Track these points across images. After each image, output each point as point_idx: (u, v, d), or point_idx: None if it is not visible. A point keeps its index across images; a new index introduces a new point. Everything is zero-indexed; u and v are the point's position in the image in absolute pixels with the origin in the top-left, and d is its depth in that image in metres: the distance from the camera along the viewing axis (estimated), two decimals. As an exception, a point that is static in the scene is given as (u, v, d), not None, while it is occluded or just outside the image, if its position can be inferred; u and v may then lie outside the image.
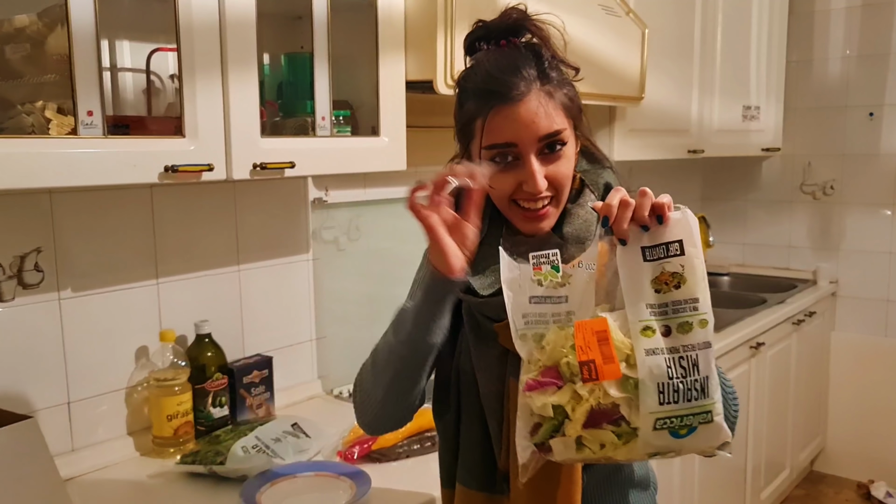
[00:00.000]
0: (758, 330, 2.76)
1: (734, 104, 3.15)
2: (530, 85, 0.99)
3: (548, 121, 0.99)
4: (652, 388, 0.84)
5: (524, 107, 0.98)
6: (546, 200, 1.02)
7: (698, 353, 0.85)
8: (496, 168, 1.00)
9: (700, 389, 0.84)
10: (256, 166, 1.40)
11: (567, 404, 0.86)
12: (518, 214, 1.03)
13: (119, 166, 1.22)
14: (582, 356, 0.84)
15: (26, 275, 1.45)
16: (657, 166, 3.39)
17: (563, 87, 1.03)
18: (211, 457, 1.48)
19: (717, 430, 0.86)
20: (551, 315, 0.91)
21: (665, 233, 0.88)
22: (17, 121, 1.18)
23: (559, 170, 1.01)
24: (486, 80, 1.00)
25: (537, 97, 0.99)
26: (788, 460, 3.21)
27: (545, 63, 1.02)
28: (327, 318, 2.02)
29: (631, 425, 0.85)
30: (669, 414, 0.84)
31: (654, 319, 0.86)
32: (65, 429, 1.53)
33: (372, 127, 1.67)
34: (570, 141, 1.03)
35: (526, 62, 1.00)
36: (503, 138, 0.99)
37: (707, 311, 0.86)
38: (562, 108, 1.01)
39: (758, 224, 3.73)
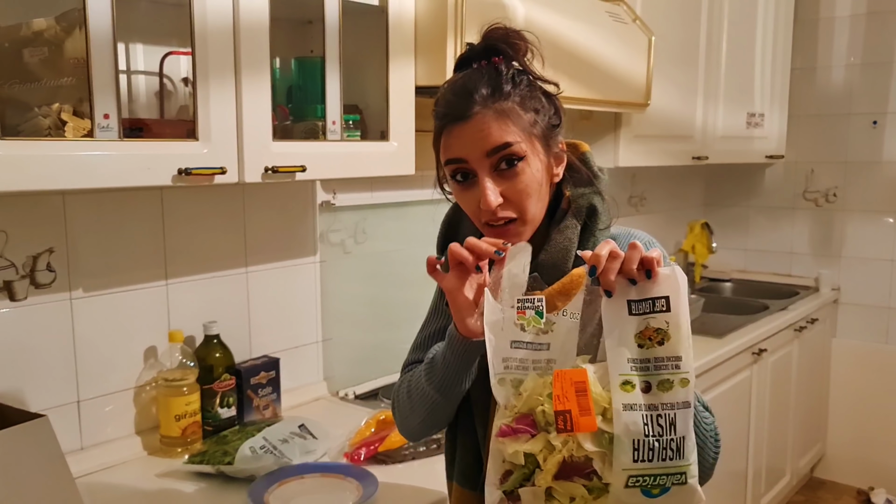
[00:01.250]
0: (759, 336, 2.77)
1: (738, 111, 3.17)
2: (483, 103, 1.00)
3: (496, 135, 0.99)
4: (627, 445, 0.82)
5: (472, 124, 1.00)
6: (506, 220, 1.02)
7: (677, 413, 0.83)
8: (459, 187, 1.03)
9: (675, 449, 0.83)
10: (268, 170, 1.42)
11: (539, 453, 0.84)
12: (489, 233, 1.03)
13: (134, 169, 1.23)
14: (558, 406, 0.82)
15: (39, 274, 1.46)
16: (661, 172, 3.41)
17: (524, 105, 1.02)
18: (219, 457, 1.50)
19: (691, 493, 0.84)
20: (531, 362, 0.89)
21: (653, 288, 0.86)
22: (33, 123, 1.19)
23: (515, 187, 1.00)
24: (443, 103, 1.04)
25: (486, 114, 1.00)
26: (789, 466, 3.22)
27: (504, 81, 1.02)
28: (333, 320, 2.04)
29: (602, 480, 0.83)
30: (643, 472, 0.82)
31: (634, 374, 0.84)
32: (74, 427, 1.54)
33: (381, 131, 1.68)
34: (533, 156, 1.02)
35: (481, 82, 1.01)
36: (455, 153, 1.01)
37: (689, 371, 0.85)
38: (519, 124, 1.01)
39: (760, 230, 3.74)
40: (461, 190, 1.04)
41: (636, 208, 3.31)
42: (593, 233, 1.06)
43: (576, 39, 2.05)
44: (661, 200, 3.51)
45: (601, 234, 1.07)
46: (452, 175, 1.04)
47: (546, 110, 1.04)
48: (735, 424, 2.73)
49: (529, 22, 1.87)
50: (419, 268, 1.41)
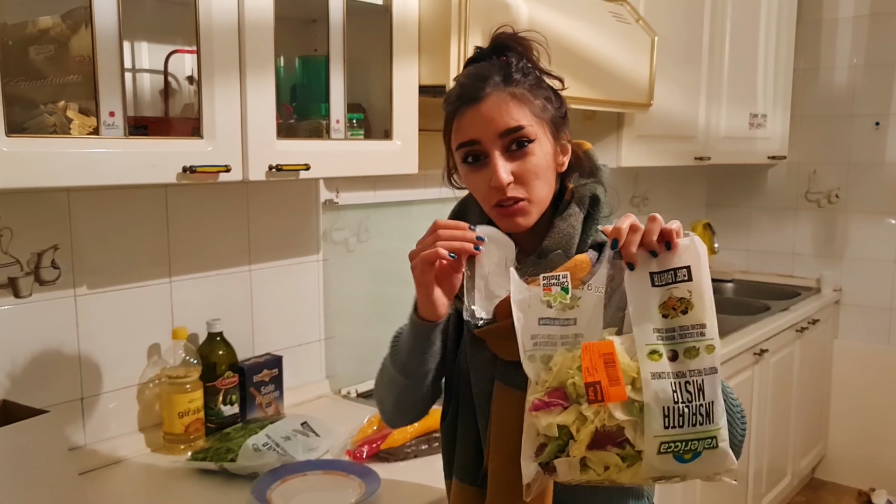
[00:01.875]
0: (761, 337, 2.77)
1: (741, 112, 3.17)
2: (495, 87, 1.04)
3: (508, 117, 1.03)
4: (657, 412, 0.84)
5: (485, 105, 1.04)
6: (515, 199, 1.05)
7: (704, 379, 0.85)
8: (469, 169, 1.07)
9: (705, 414, 0.85)
10: (272, 168, 1.42)
11: (572, 425, 0.86)
12: (496, 214, 1.07)
13: (139, 166, 1.24)
14: (588, 378, 0.85)
15: (43, 271, 1.47)
16: (663, 172, 3.41)
17: (534, 93, 1.06)
18: (222, 454, 1.50)
19: (723, 457, 0.86)
20: (560, 337, 0.91)
21: (673, 259, 0.88)
22: (39, 120, 1.20)
23: (525, 167, 1.04)
24: (457, 88, 1.08)
25: (500, 97, 1.04)
26: (790, 467, 3.22)
27: (514, 71, 1.06)
28: (336, 319, 2.04)
29: (635, 448, 0.85)
30: (674, 438, 0.84)
31: (661, 343, 0.86)
32: (78, 424, 1.55)
33: (385, 130, 1.69)
34: (542, 139, 1.06)
35: (493, 70, 1.06)
36: (468, 136, 1.05)
37: (714, 337, 0.87)
38: (530, 108, 1.05)
39: (762, 231, 3.74)
40: (472, 171, 1.07)
41: (638, 208, 3.32)
42: (596, 220, 1.09)
43: (579, 39, 2.06)
44: (664, 201, 3.51)
45: (604, 221, 1.09)
46: (464, 158, 1.07)
47: (553, 101, 1.09)
48: (736, 425, 2.73)
49: (533, 22, 1.87)
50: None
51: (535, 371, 0.91)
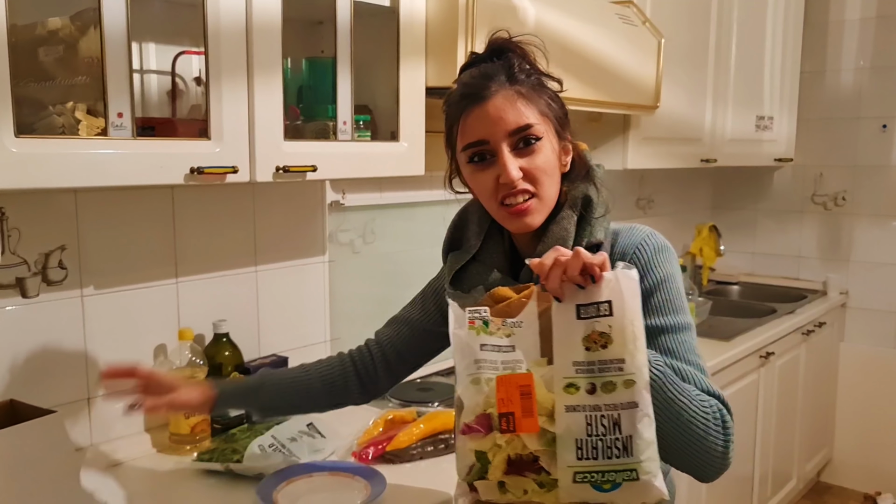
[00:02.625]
0: (767, 339, 2.76)
1: (747, 114, 3.17)
2: (500, 86, 1.05)
3: (517, 115, 1.04)
4: (570, 444, 0.85)
5: (492, 104, 1.04)
6: (526, 196, 1.06)
7: (621, 413, 0.85)
8: (476, 169, 1.07)
9: (622, 448, 0.85)
10: (279, 169, 1.42)
11: (489, 451, 0.88)
12: (503, 214, 1.08)
13: (147, 167, 1.24)
14: (502, 408, 0.87)
15: (50, 272, 1.47)
16: (668, 174, 3.41)
17: (538, 92, 1.07)
18: (228, 454, 1.50)
19: (646, 488, 0.86)
20: (501, 363, 0.91)
21: (598, 292, 0.88)
22: (48, 121, 1.20)
23: (534, 163, 1.05)
24: (460, 88, 1.08)
25: (506, 95, 1.05)
26: (795, 471, 3.21)
27: (517, 70, 1.07)
28: (341, 320, 2.04)
29: (551, 476, 0.86)
30: (589, 469, 0.85)
31: (580, 377, 0.87)
32: (84, 424, 1.55)
33: (391, 132, 1.69)
34: (548, 138, 1.07)
35: (497, 70, 1.07)
36: (475, 136, 1.06)
37: (635, 372, 0.86)
38: (536, 107, 1.06)
39: (768, 234, 3.74)
40: (478, 171, 1.07)
41: (644, 211, 3.31)
42: (589, 222, 1.09)
43: (585, 41, 2.06)
44: (669, 203, 3.51)
45: (597, 222, 1.09)
46: (470, 158, 1.08)
47: (555, 101, 1.10)
48: (742, 428, 2.72)
49: (539, 24, 1.87)
50: (427, 268, 1.44)
51: (471, 395, 0.91)
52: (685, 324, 1.05)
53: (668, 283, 1.06)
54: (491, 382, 0.90)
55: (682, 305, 1.06)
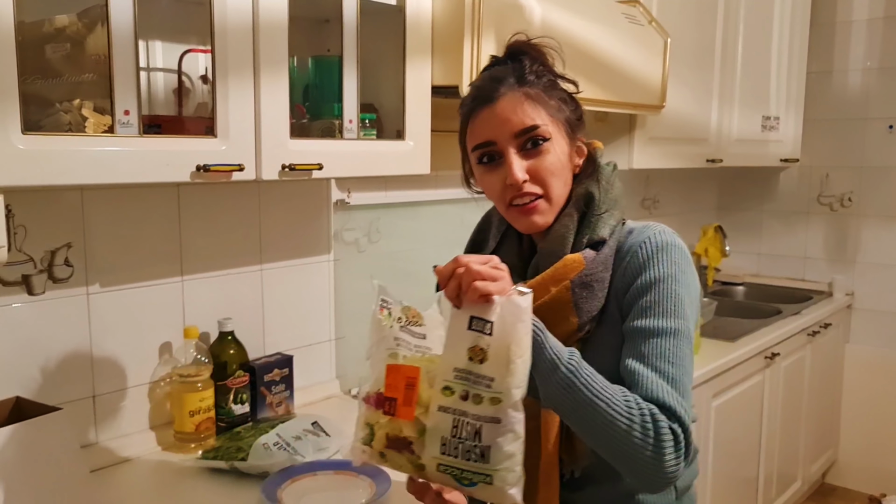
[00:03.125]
0: (772, 340, 2.75)
1: (753, 114, 3.16)
2: (509, 88, 1.06)
3: (523, 117, 1.05)
4: (436, 439, 0.91)
5: (500, 105, 1.06)
6: (533, 196, 1.07)
7: (483, 425, 0.89)
8: (485, 170, 1.09)
9: (480, 454, 0.89)
10: (285, 167, 1.42)
11: (375, 424, 0.96)
12: (512, 214, 1.09)
13: (153, 165, 1.24)
14: (387, 393, 0.94)
15: (56, 269, 1.47)
16: (674, 175, 3.40)
17: (549, 93, 1.08)
18: (232, 453, 1.51)
19: (500, 494, 0.90)
20: (414, 346, 0.98)
21: (488, 310, 0.90)
22: (54, 118, 1.20)
23: (541, 164, 1.06)
24: (472, 91, 1.11)
25: (514, 97, 1.06)
26: (800, 472, 3.20)
27: (528, 73, 1.07)
28: (346, 319, 2.04)
29: (420, 460, 0.93)
30: (450, 464, 0.91)
31: (457, 382, 0.91)
32: (90, 421, 1.55)
33: (397, 131, 1.69)
34: (557, 139, 1.07)
35: (508, 72, 1.08)
36: (483, 137, 1.07)
37: (502, 392, 0.88)
38: (545, 108, 1.07)
39: (773, 234, 3.73)
40: (487, 172, 1.09)
41: (649, 211, 3.31)
42: (590, 218, 1.09)
43: (592, 41, 2.05)
44: (675, 203, 3.50)
45: (600, 219, 1.09)
46: (479, 159, 1.09)
47: (569, 103, 1.11)
48: (746, 429, 2.72)
49: (546, 23, 1.87)
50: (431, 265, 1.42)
51: (380, 368, 0.97)
52: (667, 329, 1.00)
53: (661, 284, 1.03)
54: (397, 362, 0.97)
55: (670, 310, 1.01)
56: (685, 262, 1.06)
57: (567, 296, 1.04)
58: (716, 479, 2.49)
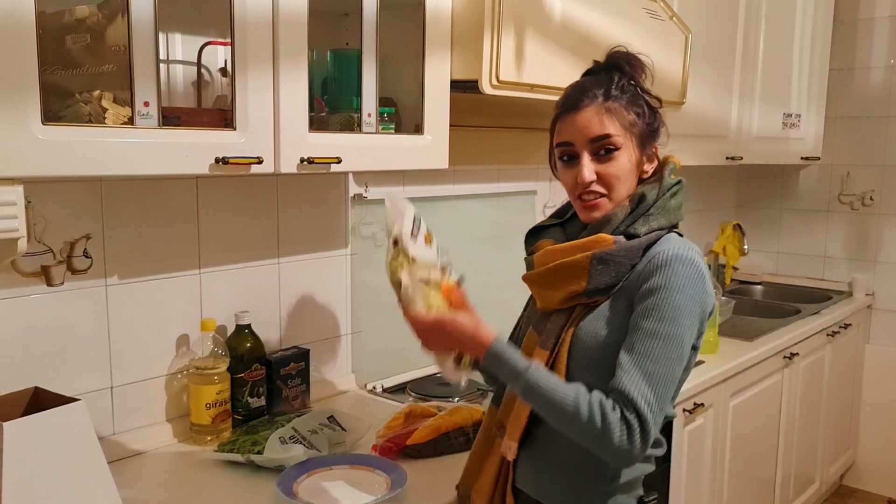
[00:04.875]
0: (791, 340, 2.73)
1: (774, 111, 3.12)
2: (592, 100, 1.22)
3: (600, 126, 1.22)
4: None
5: (581, 114, 1.23)
6: (597, 195, 1.24)
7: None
8: (563, 166, 1.27)
9: None
10: (304, 160, 1.42)
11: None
12: (578, 205, 1.27)
13: (172, 157, 1.24)
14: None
15: (75, 260, 1.47)
16: (692, 172, 3.36)
17: (628, 108, 1.23)
18: (248, 446, 1.51)
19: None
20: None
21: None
22: (74, 109, 1.20)
23: (608, 170, 1.23)
24: (563, 98, 1.27)
25: (595, 109, 1.22)
26: (818, 474, 3.17)
27: (614, 87, 1.23)
28: (363, 313, 2.04)
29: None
30: None
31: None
32: (107, 413, 1.56)
33: (416, 125, 1.68)
34: (627, 149, 1.23)
35: (595, 85, 1.24)
36: (563, 137, 1.26)
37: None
38: (619, 121, 1.22)
39: (793, 233, 3.69)
40: (565, 168, 1.27)
41: (667, 208, 3.27)
42: (637, 216, 1.23)
43: (612, 36, 2.03)
44: (693, 202, 3.47)
45: (643, 218, 1.23)
46: (560, 156, 1.27)
47: (646, 117, 1.25)
48: (765, 429, 2.70)
49: (566, 17, 1.85)
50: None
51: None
52: (659, 332, 1.13)
53: (663, 292, 1.14)
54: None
55: (666, 316, 1.13)
56: (695, 275, 1.16)
57: (586, 262, 1.20)
58: (732, 479, 2.47)
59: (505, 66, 1.69)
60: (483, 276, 1.54)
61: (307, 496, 1.36)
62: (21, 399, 1.32)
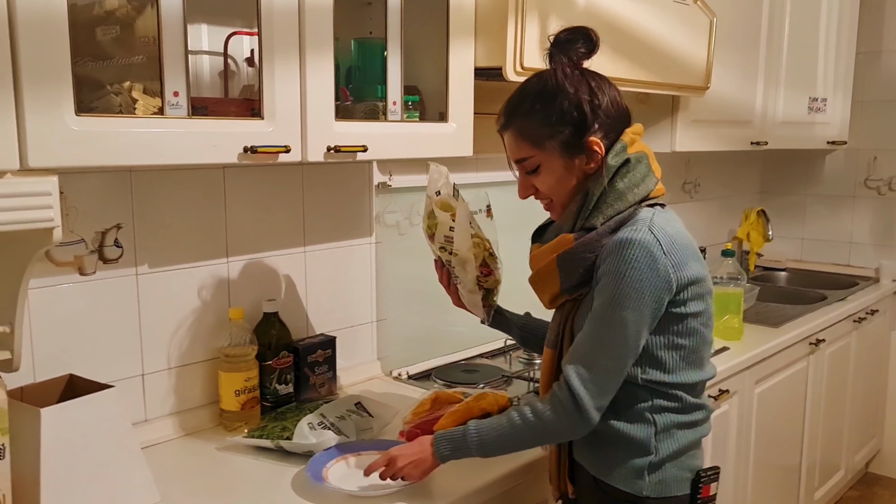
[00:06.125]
0: (818, 327, 2.71)
1: (800, 96, 3.09)
2: (509, 123, 1.32)
3: (516, 151, 1.32)
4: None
5: (504, 137, 1.35)
6: (546, 200, 1.35)
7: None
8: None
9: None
10: (330, 149, 1.43)
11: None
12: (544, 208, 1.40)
13: (202, 146, 1.25)
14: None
15: (107, 250, 1.50)
16: (715, 158, 3.35)
17: (543, 123, 1.27)
18: (277, 432, 1.52)
19: None
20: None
21: None
22: (105, 101, 1.22)
23: (538, 185, 1.33)
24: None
25: (511, 132, 1.32)
26: (843, 461, 3.15)
27: (521, 113, 1.29)
28: (388, 301, 2.05)
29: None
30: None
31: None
32: (139, 400, 1.58)
33: (440, 113, 1.68)
34: (549, 161, 1.29)
35: (511, 104, 1.32)
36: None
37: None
38: (533, 141, 1.28)
39: (818, 219, 3.65)
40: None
41: (690, 195, 3.26)
42: (585, 211, 1.29)
43: (636, 20, 2.02)
44: (716, 188, 3.44)
45: (594, 211, 1.28)
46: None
47: (571, 122, 1.26)
48: (790, 416, 2.68)
49: (590, 3, 1.84)
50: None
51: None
52: (603, 316, 1.23)
53: (605, 278, 1.23)
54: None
55: (610, 301, 1.21)
56: (639, 257, 1.20)
57: (553, 265, 1.30)
58: (757, 466, 2.46)
59: (529, 53, 1.69)
60: (506, 265, 1.54)
61: (336, 481, 1.38)
62: (56, 386, 1.35)
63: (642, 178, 1.29)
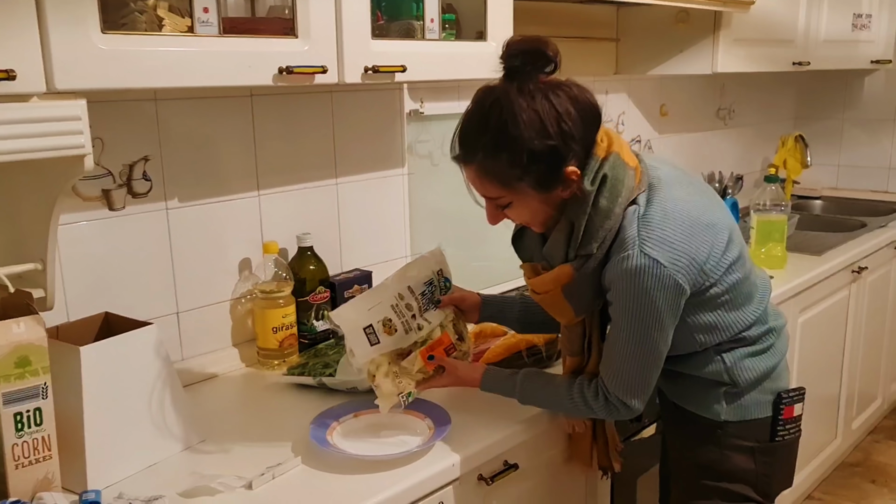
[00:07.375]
0: (860, 254, 2.62)
1: (844, 12, 2.93)
2: (471, 159, 1.17)
3: (483, 190, 1.20)
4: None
5: (466, 171, 1.20)
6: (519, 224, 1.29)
7: None
8: None
9: None
10: (368, 69, 1.34)
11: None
12: None
13: (235, 67, 1.17)
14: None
15: (135, 183, 1.43)
16: (750, 82, 3.22)
17: (510, 163, 1.12)
18: (319, 368, 1.48)
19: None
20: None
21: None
22: (130, 19, 1.14)
23: (513, 217, 1.24)
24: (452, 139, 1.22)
25: (474, 170, 1.17)
26: (881, 390, 3.11)
27: (483, 155, 1.14)
28: (422, 235, 1.98)
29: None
30: None
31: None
32: (174, 339, 1.53)
33: (478, 32, 1.58)
34: (521, 197, 1.16)
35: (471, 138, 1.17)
36: None
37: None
38: (501, 181, 1.15)
39: (855, 145, 3.52)
40: None
41: (724, 122, 3.14)
42: (578, 242, 1.19)
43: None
44: (751, 113, 3.32)
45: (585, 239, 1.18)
46: None
47: (543, 160, 1.11)
48: (831, 346, 2.62)
49: None
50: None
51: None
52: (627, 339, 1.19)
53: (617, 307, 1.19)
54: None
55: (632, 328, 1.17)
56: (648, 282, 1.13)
57: (560, 298, 1.23)
58: (799, 396, 2.42)
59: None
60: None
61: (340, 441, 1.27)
62: (93, 324, 1.30)
63: (622, 184, 1.16)
